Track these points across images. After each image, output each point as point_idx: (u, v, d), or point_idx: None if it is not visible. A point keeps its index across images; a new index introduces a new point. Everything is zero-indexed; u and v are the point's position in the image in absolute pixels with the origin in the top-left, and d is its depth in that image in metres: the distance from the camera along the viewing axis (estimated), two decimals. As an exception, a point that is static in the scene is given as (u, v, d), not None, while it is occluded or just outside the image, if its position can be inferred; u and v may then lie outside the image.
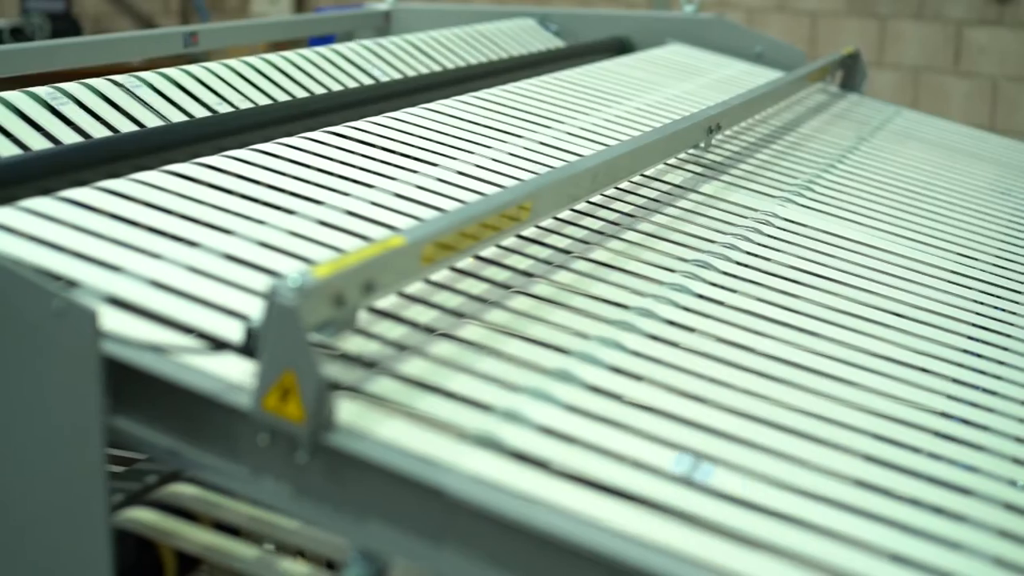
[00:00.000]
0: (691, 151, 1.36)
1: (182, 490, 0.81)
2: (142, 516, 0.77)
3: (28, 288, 0.69)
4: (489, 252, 0.98)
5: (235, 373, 0.72)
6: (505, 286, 0.94)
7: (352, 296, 0.74)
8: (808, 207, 1.30)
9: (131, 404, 0.73)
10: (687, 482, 0.71)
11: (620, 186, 1.20)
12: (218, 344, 0.75)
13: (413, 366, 0.78)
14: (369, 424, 0.70)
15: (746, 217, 1.21)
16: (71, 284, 0.78)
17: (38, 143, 1.15)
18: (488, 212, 0.88)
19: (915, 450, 0.82)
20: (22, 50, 1.55)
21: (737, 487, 0.72)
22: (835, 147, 1.60)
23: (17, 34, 4.13)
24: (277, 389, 0.68)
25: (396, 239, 0.78)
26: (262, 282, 0.84)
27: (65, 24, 4.24)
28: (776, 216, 1.24)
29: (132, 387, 0.72)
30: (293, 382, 0.67)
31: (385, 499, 0.69)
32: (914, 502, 0.75)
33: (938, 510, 0.74)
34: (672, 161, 1.33)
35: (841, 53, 1.94)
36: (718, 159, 1.39)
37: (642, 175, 1.25)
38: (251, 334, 0.72)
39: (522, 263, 0.99)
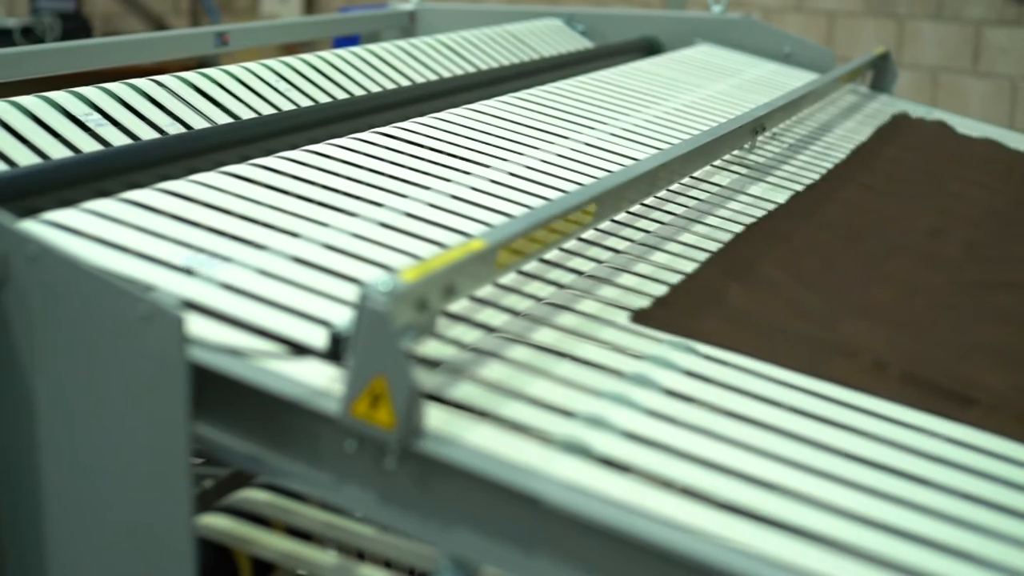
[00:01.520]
0: (735, 152, 1.35)
1: (255, 496, 0.80)
2: (219, 523, 0.77)
3: (113, 292, 0.68)
4: (550, 255, 0.97)
5: (319, 378, 0.71)
6: (570, 289, 0.93)
7: (434, 300, 0.73)
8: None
9: (211, 409, 0.72)
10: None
11: (670, 188, 1.20)
12: (298, 349, 0.74)
13: (492, 370, 0.78)
14: (457, 430, 0.69)
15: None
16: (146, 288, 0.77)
17: (87, 144, 1.14)
18: (558, 215, 0.87)
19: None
20: (51, 50, 1.54)
21: (830, 494, 0.71)
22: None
23: (28, 34, 4.12)
24: (367, 395, 0.67)
25: (477, 243, 0.77)
26: (335, 286, 0.83)
27: (75, 24, 4.23)
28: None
29: (212, 392, 0.71)
30: (384, 388, 0.66)
31: (475, 506, 0.68)
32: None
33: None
34: (717, 163, 1.32)
35: (873, 53, 1.93)
36: (761, 160, 1.39)
37: (691, 177, 1.24)
38: (336, 339, 0.71)
39: (585, 266, 0.98)
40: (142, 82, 1.27)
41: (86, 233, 0.84)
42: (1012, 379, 0.91)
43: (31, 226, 0.78)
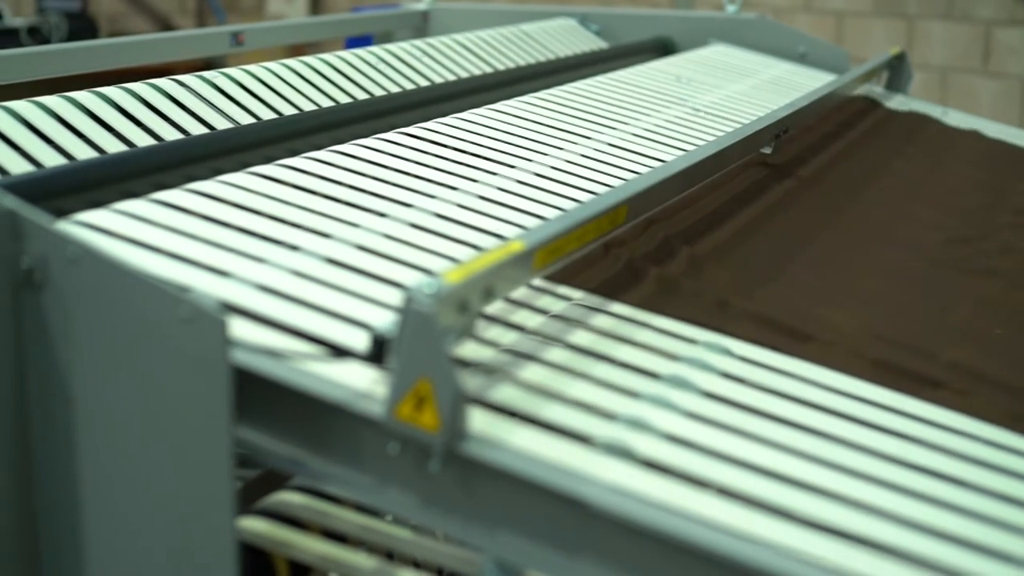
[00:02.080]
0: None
1: (291, 498, 0.80)
2: (257, 526, 0.76)
3: (155, 294, 0.67)
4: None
5: (360, 381, 0.71)
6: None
7: (474, 302, 0.73)
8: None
9: (251, 411, 0.71)
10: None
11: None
12: (336, 351, 0.74)
13: (531, 372, 0.77)
14: (500, 433, 0.69)
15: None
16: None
17: (111, 145, 1.14)
18: (595, 216, 0.86)
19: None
20: (67, 50, 1.53)
21: (871, 496, 0.71)
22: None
23: (34, 33, 4.11)
24: (411, 397, 0.66)
25: (516, 244, 0.77)
26: (371, 287, 0.83)
27: (81, 23, 4.22)
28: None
29: (253, 394, 0.71)
30: (429, 390, 0.66)
31: (519, 509, 0.67)
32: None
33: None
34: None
35: (889, 54, 1.93)
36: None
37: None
38: (377, 341, 0.71)
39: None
40: (163, 82, 1.27)
41: (118, 234, 0.84)
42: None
43: (68, 228, 0.77)
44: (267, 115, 1.32)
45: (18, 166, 1.03)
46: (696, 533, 0.64)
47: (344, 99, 1.44)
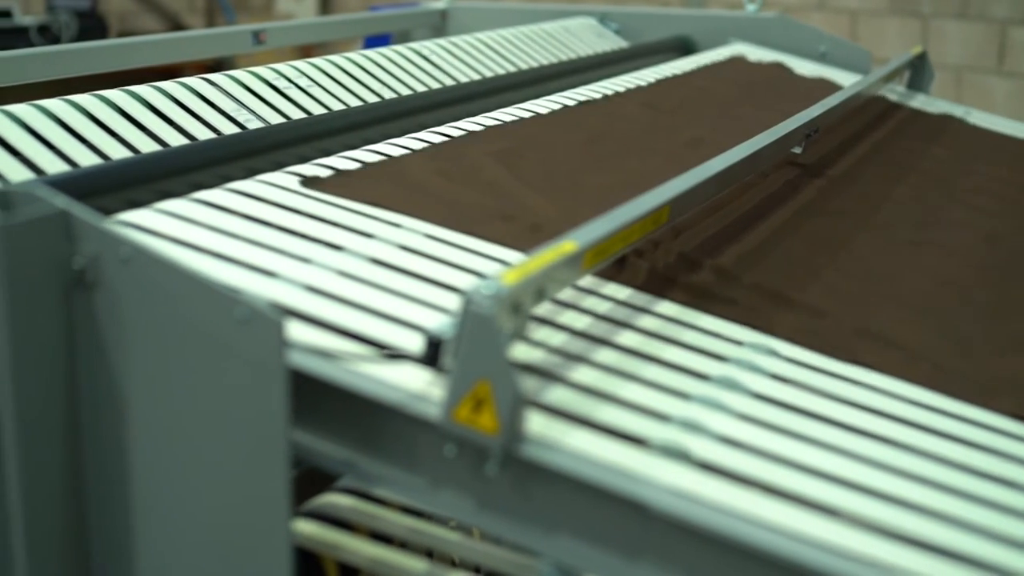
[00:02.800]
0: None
1: (339, 500, 0.79)
2: (308, 528, 0.75)
3: (210, 295, 0.67)
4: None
5: (414, 383, 0.70)
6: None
7: (527, 303, 0.72)
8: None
9: (303, 413, 0.71)
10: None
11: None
12: (388, 352, 0.73)
13: (582, 374, 0.77)
14: (557, 435, 0.68)
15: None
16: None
17: (145, 144, 1.13)
18: (643, 215, 0.86)
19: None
20: (87, 49, 1.52)
21: (929, 498, 0.70)
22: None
23: (44, 32, 4.11)
24: (470, 399, 0.66)
25: (569, 244, 0.76)
26: (417, 287, 0.82)
27: (91, 22, 4.21)
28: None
29: (305, 395, 0.70)
30: (488, 392, 0.65)
31: (578, 512, 0.67)
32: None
33: None
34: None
35: (911, 53, 1.92)
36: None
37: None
38: (432, 343, 0.70)
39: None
40: (193, 80, 1.26)
41: (160, 233, 0.83)
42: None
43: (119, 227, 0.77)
44: (296, 114, 1.31)
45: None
46: (758, 536, 0.64)
47: (371, 98, 1.43)
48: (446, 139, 1.17)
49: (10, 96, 1.18)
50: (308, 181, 0.98)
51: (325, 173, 1.01)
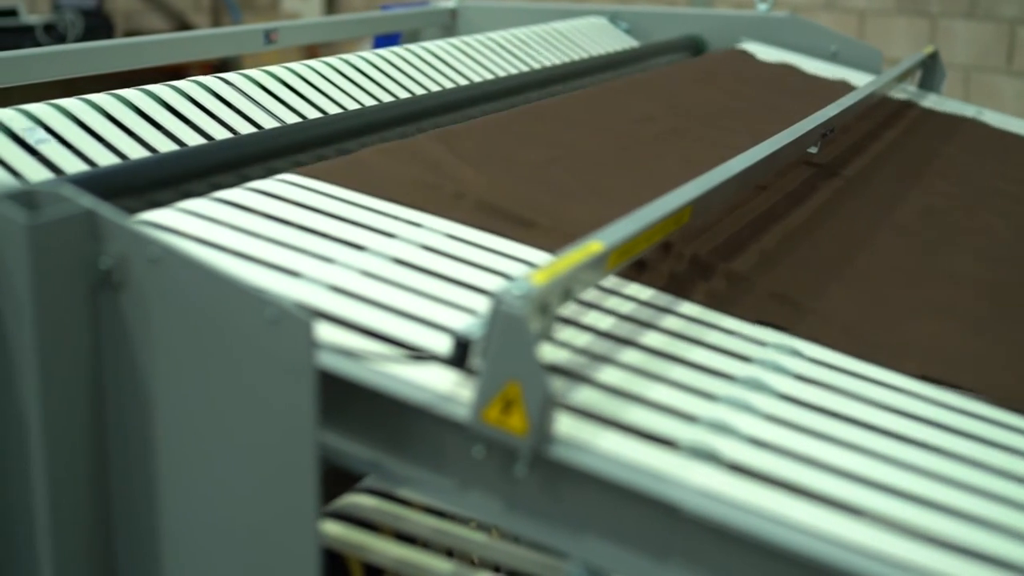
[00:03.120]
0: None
1: (363, 500, 0.79)
2: (334, 529, 0.75)
3: (240, 295, 0.67)
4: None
5: (442, 383, 0.70)
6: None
7: (554, 304, 0.72)
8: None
9: (330, 414, 0.70)
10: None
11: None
12: (414, 353, 0.73)
13: (607, 375, 0.76)
14: (586, 436, 0.68)
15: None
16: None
17: (162, 143, 1.13)
18: (666, 215, 0.86)
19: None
20: (100, 48, 1.52)
21: (960, 500, 0.70)
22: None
23: (50, 30, 4.11)
24: (499, 400, 0.66)
25: (595, 245, 0.76)
26: (439, 287, 0.82)
27: (97, 21, 4.22)
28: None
29: (331, 396, 0.70)
30: (518, 393, 0.65)
31: (607, 513, 0.67)
32: None
33: None
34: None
35: (923, 53, 1.92)
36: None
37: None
38: (460, 344, 0.70)
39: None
40: (209, 79, 1.26)
41: (183, 233, 0.83)
42: None
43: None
44: (312, 114, 1.31)
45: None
46: (790, 538, 0.63)
47: (386, 98, 1.43)
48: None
49: (32, 94, 1.18)
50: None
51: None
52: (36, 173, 0.99)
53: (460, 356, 0.70)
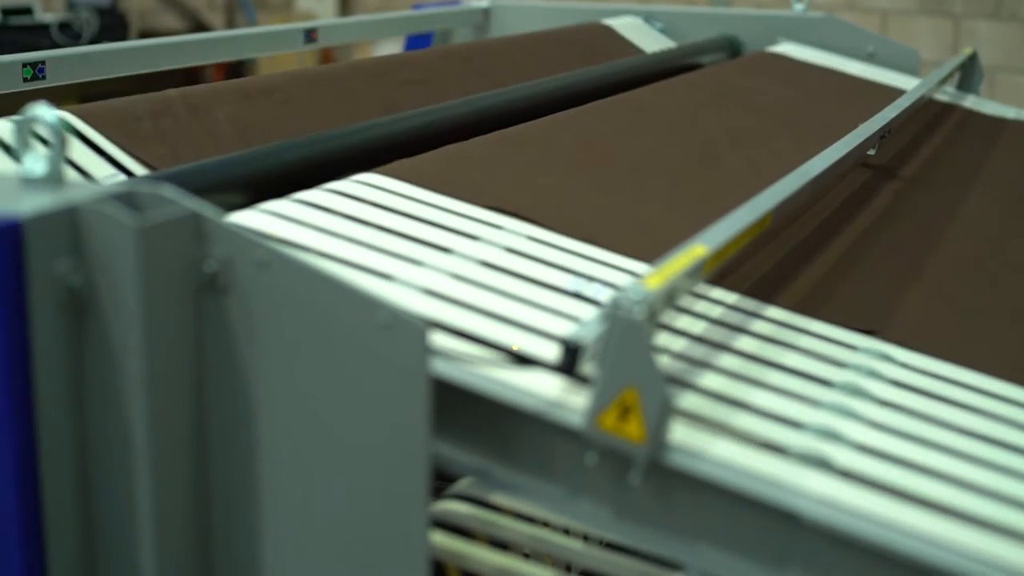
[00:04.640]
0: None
1: (458, 507, 0.78)
2: (435, 538, 0.74)
3: (352, 300, 0.66)
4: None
5: (551, 390, 0.69)
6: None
7: (660, 309, 0.71)
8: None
9: (438, 420, 0.69)
10: None
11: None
12: (519, 359, 0.72)
13: (709, 380, 0.75)
14: (699, 443, 0.67)
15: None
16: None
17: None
18: (756, 220, 0.85)
19: None
20: (139, 48, 1.51)
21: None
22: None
23: (65, 29, 4.10)
24: (616, 407, 0.65)
25: (699, 249, 0.75)
26: (531, 291, 0.81)
27: (112, 19, 4.21)
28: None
29: (439, 402, 0.69)
30: (636, 400, 0.64)
31: (723, 522, 0.66)
32: None
33: None
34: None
35: (963, 55, 1.91)
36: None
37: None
38: (570, 350, 0.69)
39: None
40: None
41: (269, 235, 0.82)
42: None
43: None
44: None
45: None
46: (909, 546, 0.62)
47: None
48: None
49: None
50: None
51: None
52: (101, 170, 0.98)
53: (570, 362, 0.69)
